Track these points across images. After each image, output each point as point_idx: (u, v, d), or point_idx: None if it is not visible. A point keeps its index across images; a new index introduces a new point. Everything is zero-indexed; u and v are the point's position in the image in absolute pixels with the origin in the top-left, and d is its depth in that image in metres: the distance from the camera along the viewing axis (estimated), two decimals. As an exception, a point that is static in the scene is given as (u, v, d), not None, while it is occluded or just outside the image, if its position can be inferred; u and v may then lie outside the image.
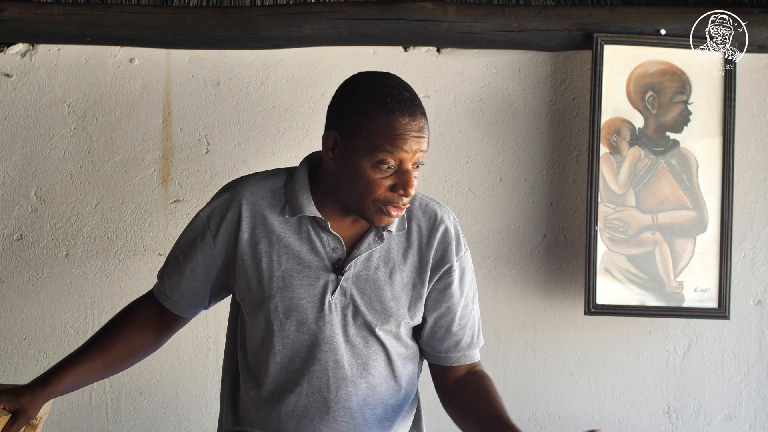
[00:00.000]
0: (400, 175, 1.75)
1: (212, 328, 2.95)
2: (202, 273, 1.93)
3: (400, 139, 1.73)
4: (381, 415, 1.87)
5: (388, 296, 1.86)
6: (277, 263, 1.85)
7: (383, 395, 1.88)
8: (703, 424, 3.01)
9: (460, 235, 1.92)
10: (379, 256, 1.86)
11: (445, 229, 1.90)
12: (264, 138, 2.98)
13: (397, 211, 1.77)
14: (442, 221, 1.90)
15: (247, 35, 2.89)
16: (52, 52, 2.97)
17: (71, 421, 2.98)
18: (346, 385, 1.84)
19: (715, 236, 2.87)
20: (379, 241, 1.85)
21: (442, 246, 1.89)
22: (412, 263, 1.88)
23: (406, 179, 1.74)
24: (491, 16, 2.89)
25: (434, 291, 1.90)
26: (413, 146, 1.74)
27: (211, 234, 1.90)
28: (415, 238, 1.88)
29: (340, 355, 1.84)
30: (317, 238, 1.85)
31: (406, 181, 1.74)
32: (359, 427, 1.85)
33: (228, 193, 1.91)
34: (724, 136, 2.88)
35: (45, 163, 2.97)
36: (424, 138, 1.76)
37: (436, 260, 1.89)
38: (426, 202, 1.92)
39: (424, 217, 1.90)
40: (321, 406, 1.84)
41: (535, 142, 2.98)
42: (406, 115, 1.74)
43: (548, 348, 3.00)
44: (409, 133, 1.73)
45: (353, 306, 1.84)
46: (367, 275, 1.85)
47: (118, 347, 1.96)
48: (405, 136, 1.73)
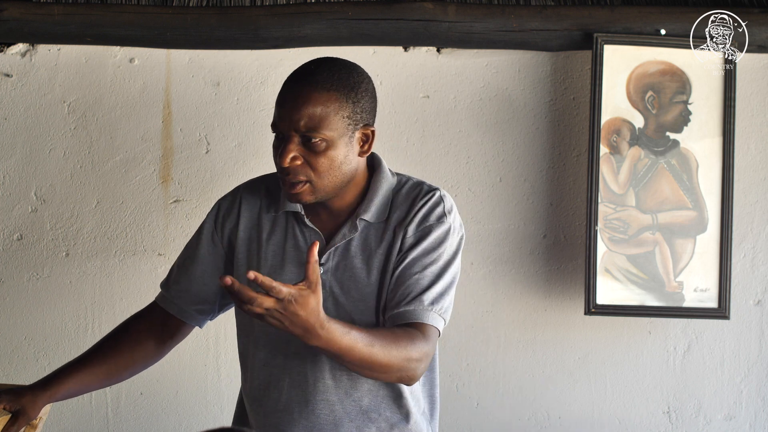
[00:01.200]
0: (281, 143, 1.77)
1: (212, 328, 2.94)
2: (212, 276, 1.94)
3: (277, 106, 1.76)
4: (367, 406, 1.85)
5: (364, 283, 1.82)
6: (264, 260, 1.86)
7: (369, 386, 1.86)
8: (703, 424, 3.01)
9: (439, 201, 1.84)
10: (356, 245, 1.84)
11: (425, 198, 1.84)
12: (264, 138, 2.98)
13: (288, 185, 1.76)
14: (423, 194, 1.85)
15: (247, 35, 2.89)
16: (52, 52, 2.97)
17: (71, 421, 2.99)
18: (324, 378, 1.83)
19: (715, 236, 2.87)
20: (354, 231, 1.82)
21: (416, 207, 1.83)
22: (387, 242, 1.83)
23: (281, 147, 1.75)
24: (491, 16, 2.89)
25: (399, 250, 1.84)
26: (285, 113, 1.74)
27: (218, 235, 1.94)
28: (394, 220, 1.84)
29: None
30: (300, 233, 1.86)
31: (279, 149, 1.75)
32: (340, 419, 1.84)
33: (232, 196, 1.96)
34: (724, 136, 2.88)
35: (45, 163, 2.97)
36: (303, 105, 1.73)
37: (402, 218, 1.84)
38: (418, 187, 1.87)
39: (407, 200, 1.85)
40: (301, 400, 1.84)
41: (535, 142, 2.98)
42: (290, 82, 1.77)
43: (548, 348, 3.00)
44: (284, 98, 1.76)
45: (333, 297, 1.82)
46: (345, 265, 1.83)
47: (121, 356, 1.96)
48: (282, 101, 1.76)
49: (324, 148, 1.74)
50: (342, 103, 1.75)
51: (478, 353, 2.99)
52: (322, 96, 1.74)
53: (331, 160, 1.76)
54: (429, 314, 1.78)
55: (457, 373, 2.99)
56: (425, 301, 1.78)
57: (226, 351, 2.96)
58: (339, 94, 1.75)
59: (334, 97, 1.75)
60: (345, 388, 1.84)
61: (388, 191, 1.86)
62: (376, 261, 1.83)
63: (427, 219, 1.83)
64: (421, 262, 1.80)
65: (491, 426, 3.00)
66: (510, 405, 3.01)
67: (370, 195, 1.84)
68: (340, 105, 1.75)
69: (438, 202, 1.84)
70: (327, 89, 1.74)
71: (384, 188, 1.86)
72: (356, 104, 1.77)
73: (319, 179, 1.76)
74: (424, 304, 1.78)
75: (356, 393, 1.84)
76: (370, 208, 1.83)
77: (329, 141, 1.74)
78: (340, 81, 1.76)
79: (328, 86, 1.75)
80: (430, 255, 1.81)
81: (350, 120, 1.77)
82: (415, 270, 1.80)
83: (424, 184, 1.88)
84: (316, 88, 1.74)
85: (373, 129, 1.82)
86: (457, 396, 2.99)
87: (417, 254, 1.81)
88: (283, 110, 1.75)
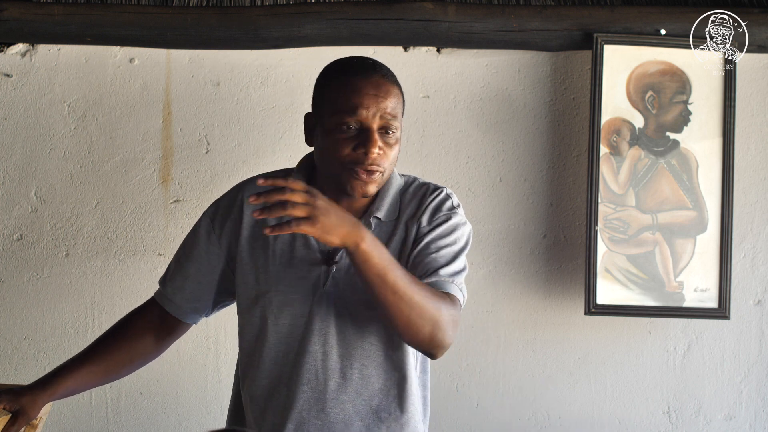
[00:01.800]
0: (362, 134, 1.76)
1: (212, 328, 2.95)
2: (207, 275, 1.94)
3: (356, 97, 1.76)
4: (377, 406, 1.86)
5: None
6: (272, 258, 1.86)
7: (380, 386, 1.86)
8: (703, 424, 3.01)
9: (447, 197, 1.88)
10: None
11: (434, 194, 1.88)
12: (264, 138, 2.98)
13: (366, 174, 1.77)
14: (431, 191, 1.89)
15: (247, 35, 2.89)
16: (52, 52, 2.97)
17: (71, 420, 2.98)
18: (335, 377, 1.83)
19: (715, 236, 2.87)
20: (368, 228, 1.83)
21: (426, 202, 1.87)
22: (398, 238, 1.85)
23: (367, 136, 1.75)
24: (491, 16, 2.89)
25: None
26: (370, 104, 1.76)
27: (216, 234, 1.93)
28: (405, 217, 1.87)
29: (329, 346, 1.83)
30: None
31: (366, 138, 1.75)
32: (350, 418, 1.84)
33: (232, 194, 1.95)
34: (724, 136, 2.88)
35: (45, 163, 2.97)
36: (384, 97, 1.77)
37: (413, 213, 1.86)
38: (424, 186, 1.91)
39: (415, 198, 1.89)
40: (310, 398, 1.84)
41: (535, 142, 2.98)
42: (360, 74, 1.78)
43: (548, 348, 3.00)
44: (365, 89, 1.76)
45: (345, 296, 1.83)
46: None
47: (120, 353, 1.96)
48: (360, 93, 1.76)
49: (395, 140, 1.80)
50: (402, 99, 1.84)
51: (478, 353, 2.99)
52: (396, 89, 1.81)
53: (397, 153, 1.82)
54: (451, 285, 1.79)
55: (457, 373, 2.99)
56: (445, 274, 1.80)
57: (226, 351, 2.96)
58: (401, 91, 1.84)
59: (401, 93, 1.83)
60: (356, 387, 1.84)
61: (397, 191, 1.89)
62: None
63: (439, 210, 1.86)
64: (437, 244, 1.83)
65: (491, 426, 3.00)
66: (510, 405, 3.01)
67: (382, 193, 1.86)
68: (403, 101, 1.84)
69: (446, 198, 1.89)
70: (397, 84, 1.82)
71: (394, 187, 1.88)
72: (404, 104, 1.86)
73: (388, 171, 1.81)
74: (444, 277, 1.79)
75: (367, 392, 1.84)
76: (383, 206, 1.85)
77: (398, 134, 1.81)
78: (396, 79, 1.84)
79: (395, 81, 1.83)
80: (445, 239, 1.84)
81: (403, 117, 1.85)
82: (431, 250, 1.82)
83: (430, 183, 1.92)
84: (391, 82, 1.81)
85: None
86: (457, 396, 2.99)
87: (433, 237, 1.83)
88: (366, 100, 1.76)
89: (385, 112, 1.77)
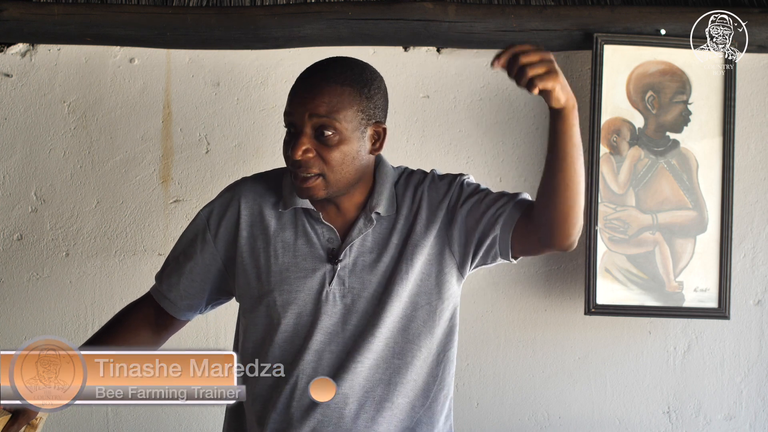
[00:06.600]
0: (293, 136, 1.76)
1: (212, 328, 2.95)
2: (201, 273, 1.93)
3: (290, 98, 1.76)
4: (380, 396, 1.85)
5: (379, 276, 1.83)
6: (274, 258, 1.85)
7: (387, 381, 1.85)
8: (703, 424, 3.01)
9: (436, 176, 1.89)
10: (373, 239, 1.84)
11: (431, 178, 1.88)
12: (264, 138, 2.98)
13: (299, 181, 1.76)
14: (424, 178, 1.88)
15: (247, 35, 2.89)
16: (52, 52, 2.97)
17: (71, 421, 2.99)
18: (340, 371, 1.83)
19: (715, 236, 2.87)
20: (369, 224, 1.83)
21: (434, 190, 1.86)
22: (400, 231, 1.84)
23: (293, 141, 1.75)
24: (491, 16, 2.89)
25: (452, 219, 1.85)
26: (300, 104, 1.74)
27: (211, 233, 1.91)
28: (405, 209, 1.86)
29: (335, 344, 1.83)
30: (312, 230, 1.85)
31: (292, 142, 1.75)
32: (354, 412, 1.84)
33: (228, 193, 1.93)
34: (724, 136, 2.88)
35: (45, 163, 2.97)
36: (315, 97, 1.73)
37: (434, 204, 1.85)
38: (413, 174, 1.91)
39: (408, 188, 1.87)
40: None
41: (535, 142, 2.98)
42: (303, 75, 1.77)
43: (548, 348, 3.00)
44: (298, 90, 1.76)
45: (350, 294, 1.83)
46: (363, 261, 1.84)
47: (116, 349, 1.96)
48: (294, 94, 1.76)
49: (336, 141, 1.74)
50: (354, 97, 1.76)
51: (478, 353, 2.99)
52: (336, 89, 1.75)
53: (344, 154, 1.76)
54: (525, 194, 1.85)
55: (457, 373, 2.97)
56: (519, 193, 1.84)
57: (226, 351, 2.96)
58: (352, 88, 1.76)
59: (347, 91, 1.75)
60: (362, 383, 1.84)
61: (392, 184, 1.88)
62: (390, 251, 1.83)
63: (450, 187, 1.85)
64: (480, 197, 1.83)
65: (491, 426, 3.00)
66: (510, 405, 3.01)
67: (379, 188, 1.85)
68: (353, 99, 1.76)
69: (439, 177, 1.88)
70: (341, 83, 1.75)
71: (389, 181, 1.87)
72: (369, 100, 1.78)
73: (332, 173, 1.76)
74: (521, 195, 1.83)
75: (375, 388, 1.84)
76: (381, 200, 1.84)
77: (342, 134, 1.75)
78: (353, 76, 1.77)
79: (341, 80, 1.76)
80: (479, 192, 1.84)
81: (363, 114, 1.77)
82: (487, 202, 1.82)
83: (415, 170, 1.91)
84: (330, 81, 1.75)
85: (385, 127, 1.82)
86: (457, 396, 2.99)
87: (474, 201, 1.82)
88: (296, 101, 1.75)
89: (315, 112, 1.73)
